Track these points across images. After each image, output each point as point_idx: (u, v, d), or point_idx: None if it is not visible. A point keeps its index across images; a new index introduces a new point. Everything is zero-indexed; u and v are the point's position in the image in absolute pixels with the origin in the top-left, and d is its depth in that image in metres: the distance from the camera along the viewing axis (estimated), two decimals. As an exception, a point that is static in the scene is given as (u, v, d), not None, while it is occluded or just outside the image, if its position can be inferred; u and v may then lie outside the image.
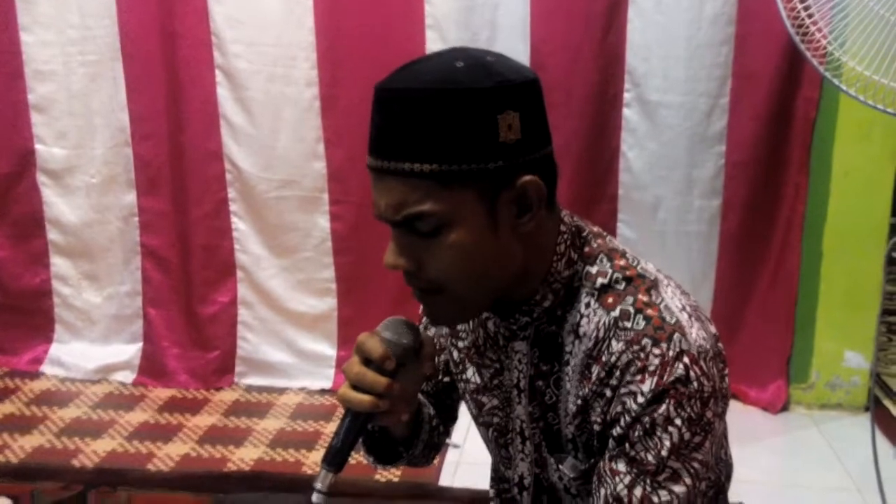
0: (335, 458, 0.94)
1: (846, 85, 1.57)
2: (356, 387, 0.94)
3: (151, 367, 3.06)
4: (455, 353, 1.12)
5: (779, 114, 2.74)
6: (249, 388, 3.05)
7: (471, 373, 1.09)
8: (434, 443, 1.21)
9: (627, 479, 0.88)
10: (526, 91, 0.88)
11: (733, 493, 1.09)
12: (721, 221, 2.86)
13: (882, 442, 2.14)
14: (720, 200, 2.84)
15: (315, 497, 0.93)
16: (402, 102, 0.84)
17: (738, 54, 2.70)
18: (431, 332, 1.18)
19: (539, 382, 0.98)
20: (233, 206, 2.97)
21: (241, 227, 2.99)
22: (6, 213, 3.04)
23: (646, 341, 0.87)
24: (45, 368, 3.09)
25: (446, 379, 1.19)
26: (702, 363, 0.87)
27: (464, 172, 0.84)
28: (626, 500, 0.88)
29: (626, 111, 2.80)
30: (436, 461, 2.45)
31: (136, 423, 2.76)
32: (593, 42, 2.74)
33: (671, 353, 0.86)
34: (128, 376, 3.07)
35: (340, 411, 0.98)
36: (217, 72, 2.86)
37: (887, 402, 2.99)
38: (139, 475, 2.43)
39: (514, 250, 0.90)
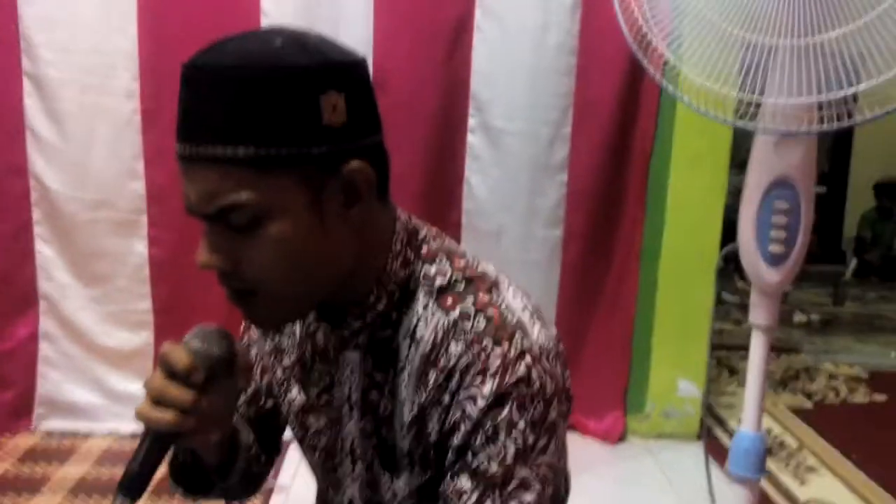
0: (132, 485, 0.83)
1: (683, 94, 1.62)
2: (158, 402, 0.84)
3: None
4: (279, 373, 1.04)
5: (618, 145, 2.83)
6: (50, 432, 2.79)
7: (295, 392, 1.01)
8: (253, 473, 1.10)
9: (475, 497, 0.83)
10: (352, 72, 0.82)
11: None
12: (562, 252, 2.91)
13: (714, 469, 2.26)
14: (562, 230, 2.89)
15: None
16: (213, 81, 0.78)
17: (580, 84, 2.77)
18: (253, 351, 1.09)
19: (373, 394, 0.92)
20: (37, 229, 2.73)
21: (45, 252, 2.75)
22: None
23: (487, 342, 0.84)
24: None
25: (269, 402, 1.10)
26: (544, 362, 0.85)
27: (283, 157, 0.78)
28: None
29: (470, 137, 2.80)
30: (259, 502, 2.33)
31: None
32: (437, 65, 2.74)
33: (513, 352, 0.83)
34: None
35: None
36: (25, 79, 2.62)
37: (718, 431, 3.15)
38: None
39: (342, 245, 0.84)
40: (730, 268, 4.80)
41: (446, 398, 0.85)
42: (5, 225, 2.71)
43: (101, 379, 2.80)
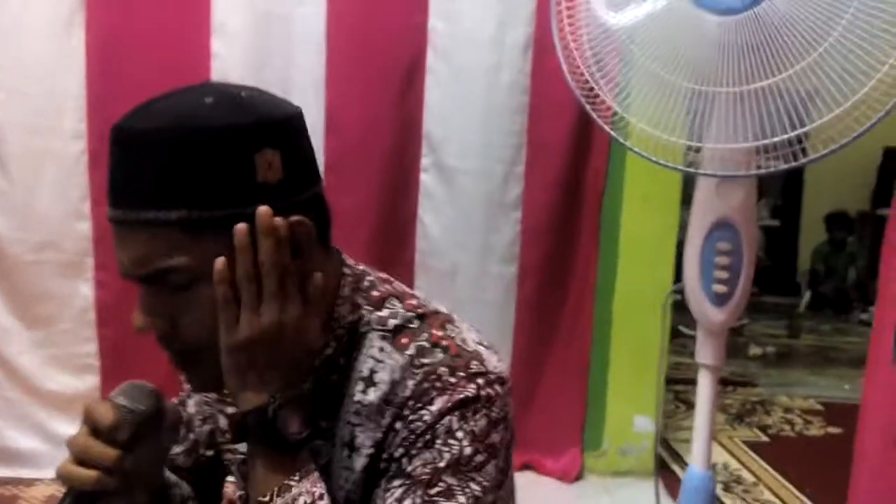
0: None
1: (634, 145, 1.65)
2: (81, 461, 0.81)
3: None
4: (222, 421, 1.02)
5: (571, 183, 2.86)
6: (-6, 479, 2.71)
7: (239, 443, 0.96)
8: None
9: (398, 492, 0.81)
10: (286, 126, 0.81)
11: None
12: (517, 289, 2.92)
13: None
14: (516, 267, 2.91)
15: None
16: (142, 144, 0.76)
17: (532, 123, 2.80)
18: (193, 401, 1.07)
19: (317, 443, 0.88)
20: (-21, 271, 2.66)
21: (-13, 294, 2.68)
22: None
23: (442, 370, 0.83)
24: None
25: (209, 452, 1.07)
26: (497, 387, 0.84)
27: (218, 219, 0.76)
28: None
29: (423, 176, 2.81)
30: None
31: None
32: (390, 105, 2.75)
33: (466, 374, 0.83)
34: None
35: None
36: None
37: (674, 466, 3.17)
38: None
39: None
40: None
41: (398, 425, 0.83)
42: (-54, 266, 2.64)
43: (44, 424, 2.73)
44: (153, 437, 0.86)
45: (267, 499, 0.80)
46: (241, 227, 0.76)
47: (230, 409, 0.99)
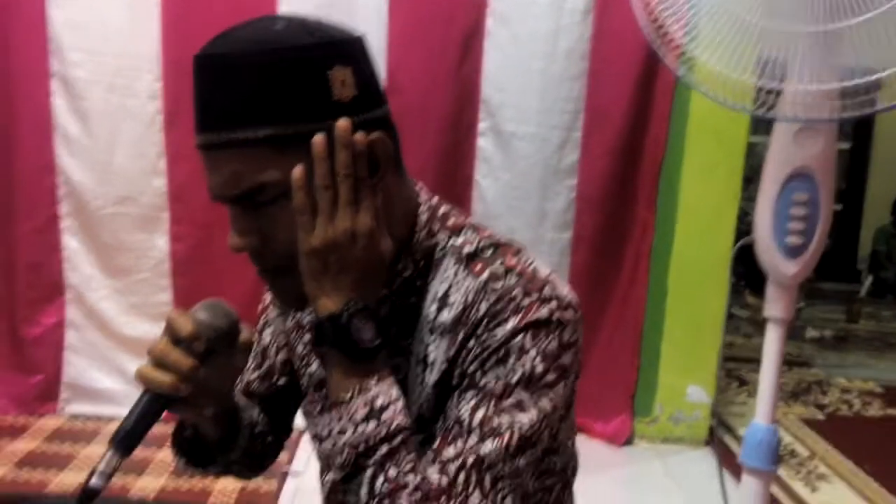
0: (123, 441, 0.78)
1: (702, 86, 1.43)
2: (159, 365, 0.78)
3: (-31, 391, 2.58)
4: (300, 348, 0.96)
5: (628, 150, 2.54)
6: (75, 415, 2.60)
7: (315, 366, 0.93)
8: (258, 452, 1.02)
9: (472, 403, 0.75)
10: (354, 46, 0.77)
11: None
12: (571, 255, 2.63)
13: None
14: (571, 234, 2.61)
15: (95, 479, 0.76)
16: (224, 68, 0.73)
17: (591, 90, 2.50)
18: (269, 330, 1.03)
19: (397, 360, 0.83)
20: (65, 222, 2.54)
21: (72, 244, 2.55)
22: None
23: (516, 292, 0.77)
24: None
25: (282, 380, 1.02)
26: (569, 312, 0.78)
27: (300, 135, 0.73)
28: (465, 421, 0.75)
29: (480, 140, 2.54)
30: (273, 487, 2.13)
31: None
32: (449, 71, 2.49)
33: (539, 298, 0.77)
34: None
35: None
36: (53, 80, 2.44)
37: (727, 438, 2.81)
38: None
39: None
40: (741, 282, 4.43)
41: (472, 343, 0.78)
42: (34, 218, 2.53)
43: (123, 366, 2.59)
44: (226, 355, 0.83)
45: (347, 397, 0.76)
46: (318, 137, 0.74)
47: (307, 336, 0.95)
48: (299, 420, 1.06)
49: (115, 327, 2.59)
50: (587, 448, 2.61)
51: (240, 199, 0.76)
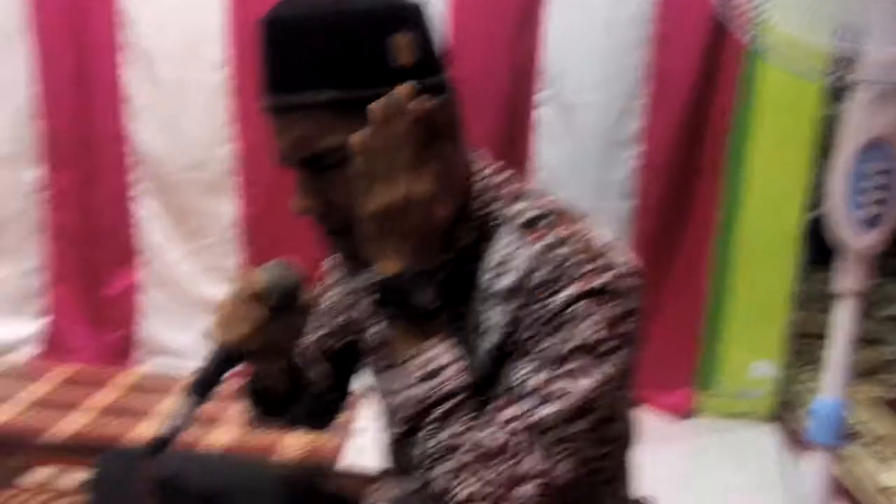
0: (197, 390, 0.85)
1: (773, 52, 1.40)
2: (230, 319, 0.85)
3: (54, 344, 2.74)
4: (359, 311, 1.01)
5: (695, 119, 2.46)
6: (151, 371, 2.73)
7: (375, 327, 0.95)
8: (321, 408, 1.09)
9: (529, 368, 0.76)
10: (416, 12, 0.78)
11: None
12: (634, 224, 2.59)
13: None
14: (633, 203, 2.57)
15: (171, 424, 0.83)
16: (290, 31, 0.75)
17: (656, 56, 2.42)
18: (331, 293, 1.07)
19: (452, 325, 0.83)
20: (139, 187, 2.63)
21: (145, 209, 2.66)
22: None
23: (575, 259, 0.77)
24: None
25: (342, 342, 1.07)
26: (630, 280, 0.79)
27: (363, 99, 0.74)
28: (522, 385, 0.75)
29: (540, 109, 2.51)
30: (337, 443, 2.23)
31: (35, 397, 2.48)
32: (509, 38, 2.45)
33: (601, 264, 0.77)
34: (29, 353, 2.73)
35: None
36: (124, 51, 2.52)
37: (793, 416, 2.75)
38: (36, 443, 2.21)
39: None
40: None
41: (529, 311, 0.78)
42: (113, 184, 2.63)
43: (195, 325, 2.69)
44: (290, 313, 0.87)
45: (407, 357, 0.78)
46: (377, 103, 0.74)
47: (366, 300, 0.96)
48: (362, 380, 1.11)
49: (188, 288, 2.69)
50: (648, 419, 2.61)
51: (304, 162, 0.78)
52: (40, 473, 2.03)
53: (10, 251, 2.73)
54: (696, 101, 2.45)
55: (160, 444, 0.83)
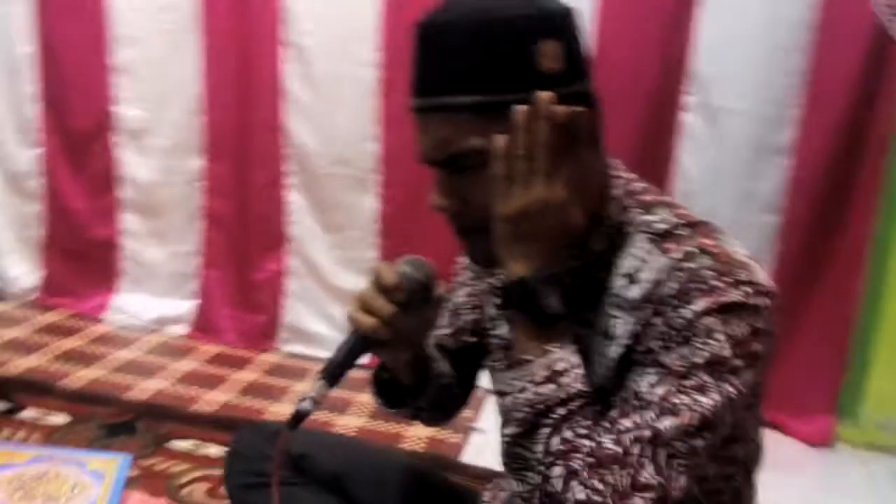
0: (330, 372, 0.89)
1: None
2: (365, 310, 0.89)
3: (203, 324, 2.93)
4: (489, 310, 1.02)
5: (852, 131, 2.31)
6: (290, 354, 2.87)
7: (502, 328, 0.94)
8: (444, 403, 1.12)
9: (653, 379, 0.75)
10: (564, 20, 0.79)
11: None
12: (778, 240, 2.45)
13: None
14: (779, 218, 2.44)
15: (304, 403, 0.87)
16: (439, 36, 0.78)
17: (814, 63, 2.28)
18: (463, 291, 1.10)
19: (578, 330, 0.85)
20: (290, 179, 2.78)
21: (296, 199, 2.79)
22: (85, 167, 2.95)
23: (708, 273, 0.76)
24: (108, 314, 2.99)
25: (471, 339, 1.10)
26: (764, 299, 0.76)
27: (505, 103, 0.76)
28: (645, 395, 0.75)
29: (685, 114, 2.43)
30: (459, 440, 2.28)
31: (184, 371, 2.67)
32: (658, 41, 2.39)
33: (732, 280, 0.75)
34: (181, 329, 2.95)
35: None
36: (285, 47, 2.66)
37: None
38: (182, 413, 2.38)
39: None
40: None
41: (658, 321, 0.78)
42: (266, 175, 2.79)
43: (334, 314, 2.81)
44: (422, 307, 0.91)
45: (529, 358, 0.79)
46: (521, 107, 0.75)
47: (497, 300, 0.97)
48: (486, 381, 1.13)
49: (329, 278, 2.81)
50: (782, 445, 2.47)
51: (445, 162, 0.81)
52: (186, 441, 2.18)
53: (169, 235, 2.96)
54: (854, 113, 2.30)
55: (293, 422, 0.89)
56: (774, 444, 0.81)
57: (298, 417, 0.89)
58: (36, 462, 1.74)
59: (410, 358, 0.99)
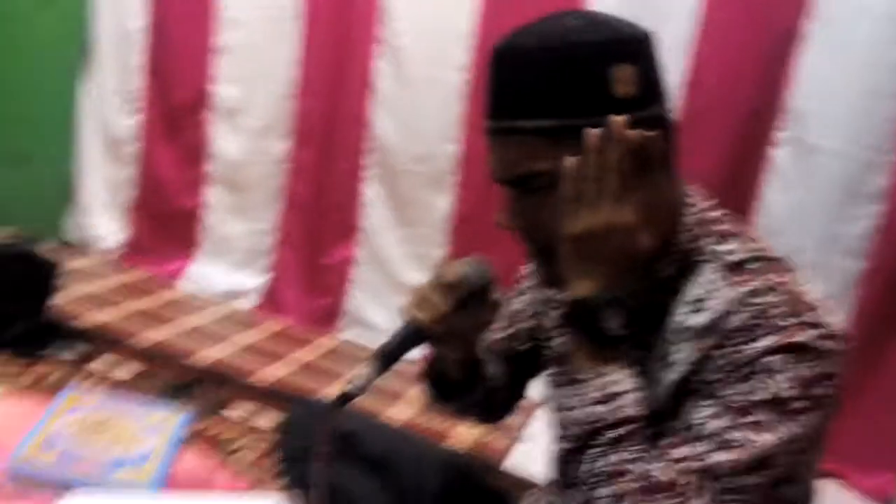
0: (382, 358, 0.92)
1: None
2: (421, 303, 0.90)
3: (271, 300, 3.01)
4: (547, 321, 1.02)
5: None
6: (349, 339, 2.92)
7: (559, 340, 0.96)
8: (493, 404, 1.11)
9: (710, 411, 0.74)
10: (640, 45, 0.79)
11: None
12: (859, 287, 2.36)
13: None
14: (864, 264, 2.35)
15: (353, 385, 0.89)
16: (514, 60, 0.79)
17: (918, 109, 2.20)
18: (524, 297, 1.09)
19: (638, 353, 0.85)
20: (369, 172, 2.83)
21: (372, 192, 2.85)
22: (179, 139, 3.07)
23: (776, 311, 0.74)
24: (183, 281, 3.11)
25: (525, 346, 1.10)
26: (831, 343, 0.74)
27: (577, 127, 0.76)
28: (700, 427, 0.74)
29: (776, 151, 2.37)
30: (505, 445, 2.28)
31: (246, 343, 2.75)
32: (756, 73, 2.33)
33: (800, 321, 0.73)
34: (249, 303, 3.03)
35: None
36: (379, 44, 2.71)
37: None
38: (239, 382, 2.44)
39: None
40: None
41: (719, 353, 0.76)
42: (345, 164, 2.85)
43: (396, 304, 2.83)
44: (477, 308, 0.92)
45: (585, 377, 0.79)
46: (593, 130, 0.75)
47: (556, 313, 0.97)
48: (537, 390, 1.13)
49: (395, 271, 2.85)
50: (841, 498, 2.37)
51: (514, 182, 0.82)
52: (241, 409, 2.25)
53: (250, 211, 3.05)
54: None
55: (342, 401, 0.91)
56: (834, 495, 0.75)
57: (346, 398, 0.91)
58: (101, 408, 1.83)
59: (462, 357, 1.00)
